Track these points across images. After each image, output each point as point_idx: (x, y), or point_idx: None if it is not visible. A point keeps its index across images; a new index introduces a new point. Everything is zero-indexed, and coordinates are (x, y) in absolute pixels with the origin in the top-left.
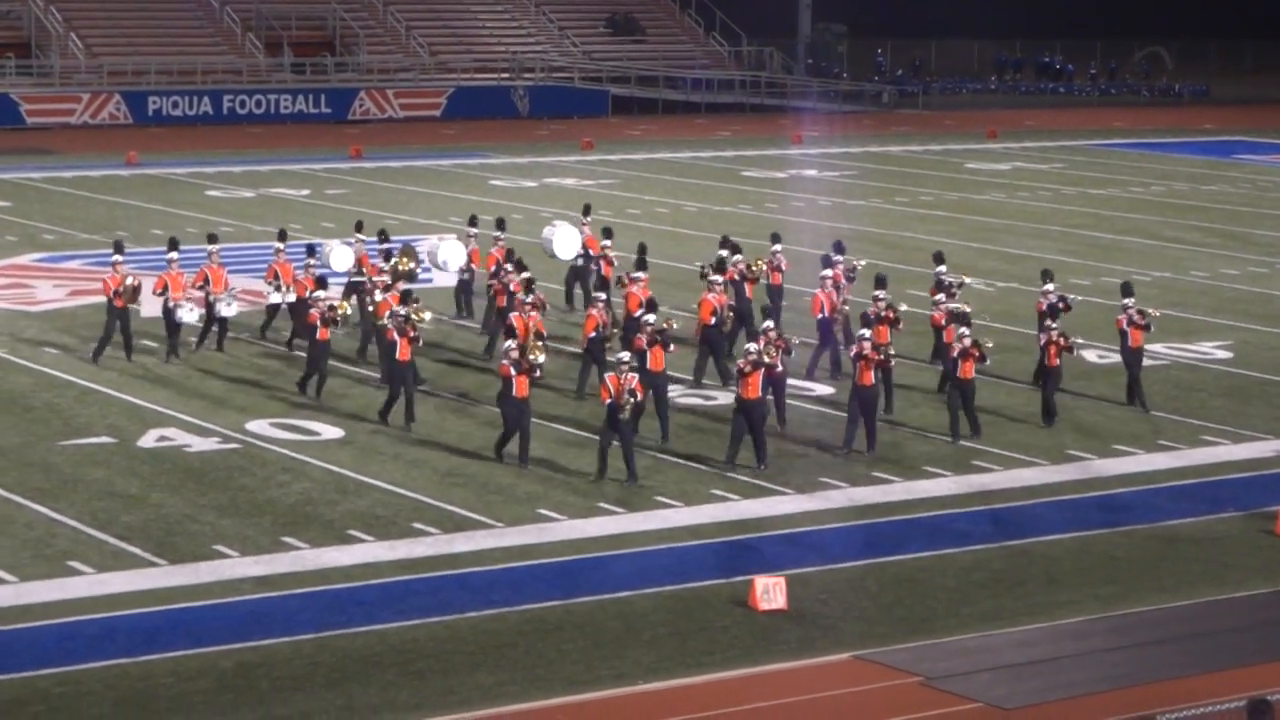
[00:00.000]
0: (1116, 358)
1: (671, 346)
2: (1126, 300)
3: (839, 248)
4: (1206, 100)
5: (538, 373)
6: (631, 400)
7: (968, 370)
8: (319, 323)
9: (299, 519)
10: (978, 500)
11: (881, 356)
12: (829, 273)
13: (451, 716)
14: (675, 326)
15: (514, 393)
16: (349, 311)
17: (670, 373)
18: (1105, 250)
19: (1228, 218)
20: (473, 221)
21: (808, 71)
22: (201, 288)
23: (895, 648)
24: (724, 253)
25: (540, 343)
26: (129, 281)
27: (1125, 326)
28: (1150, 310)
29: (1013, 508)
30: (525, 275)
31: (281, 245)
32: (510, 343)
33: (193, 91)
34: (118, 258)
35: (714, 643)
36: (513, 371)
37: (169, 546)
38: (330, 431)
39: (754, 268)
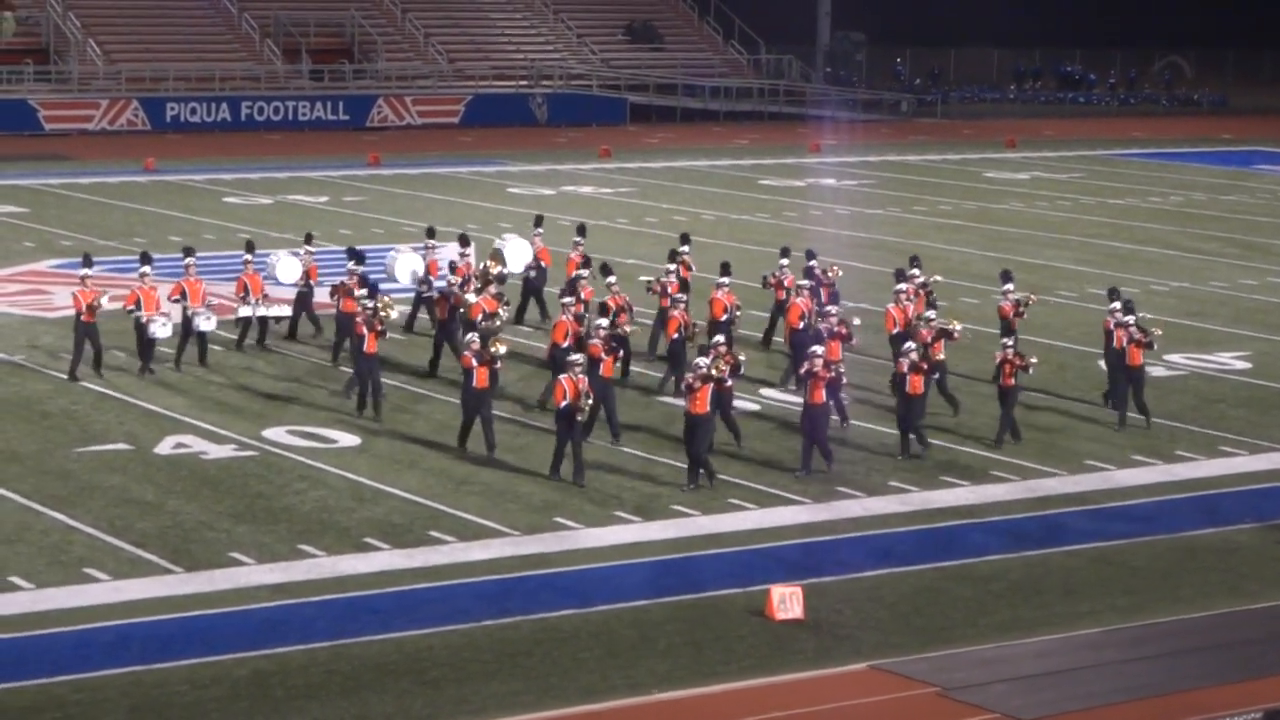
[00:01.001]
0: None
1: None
2: (1128, 318)
3: (811, 255)
4: (1226, 110)
5: (498, 364)
6: (589, 402)
7: (916, 385)
8: (365, 331)
9: (315, 527)
10: (995, 510)
11: (833, 374)
12: (805, 283)
13: None
14: (632, 329)
15: (474, 384)
16: (393, 315)
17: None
18: (1124, 260)
19: (1247, 228)
20: (430, 233)
21: (826, 80)
22: (178, 301)
23: (912, 658)
24: (785, 261)
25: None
26: (103, 301)
27: (1125, 344)
28: (1153, 330)
29: (1031, 518)
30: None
31: (250, 256)
32: (472, 335)
33: (211, 98)
34: (86, 271)
35: (730, 652)
36: (474, 363)
37: (185, 554)
38: (347, 439)
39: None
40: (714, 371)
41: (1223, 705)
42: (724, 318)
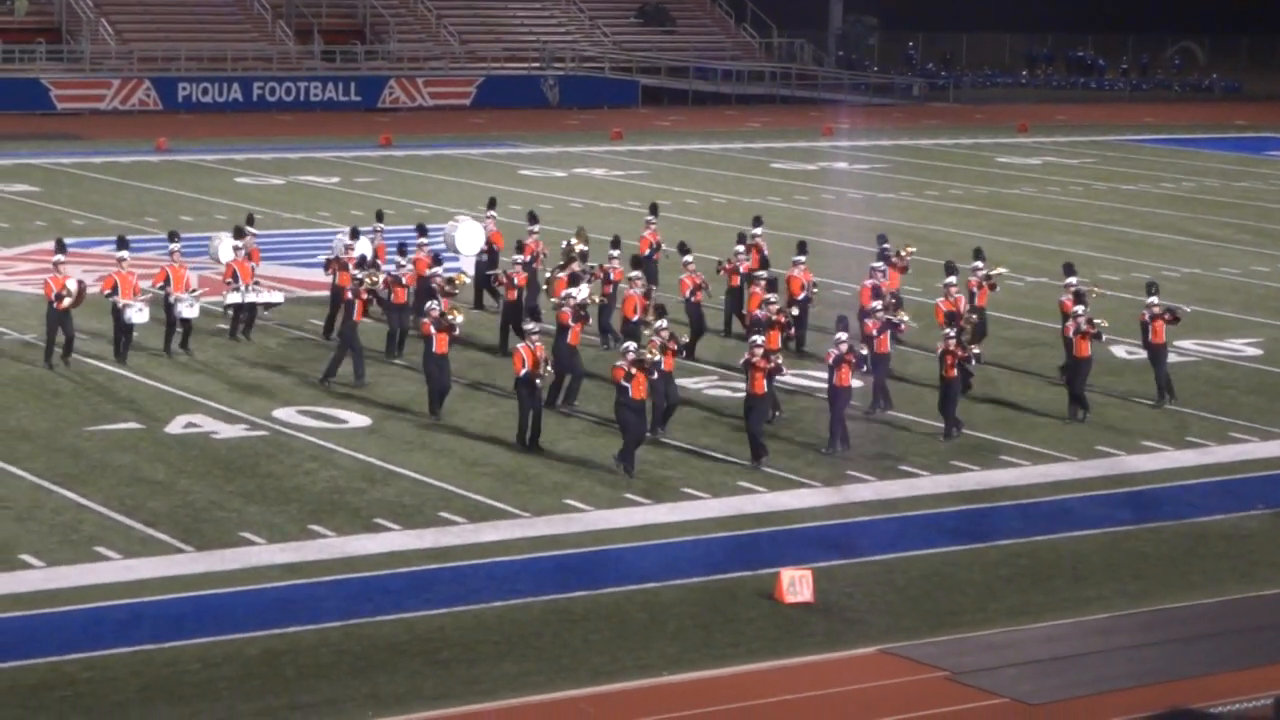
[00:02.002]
0: (1145, 354)
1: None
2: (1151, 299)
3: (882, 238)
4: (1239, 96)
5: (456, 330)
6: (550, 369)
7: (843, 377)
8: (433, 330)
9: (326, 507)
10: (1005, 495)
11: (772, 364)
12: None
13: (476, 706)
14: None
15: (434, 349)
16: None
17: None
18: (1135, 246)
19: (1259, 214)
20: (379, 217)
21: (838, 64)
22: (162, 288)
23: (922, 642)
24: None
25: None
26: (70, 284)
27: (1147, 320)
28: (1100, 321)
29: (1040, 503)
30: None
31: (239, 243)
32: (432, 302)
33: (223, 78)
34: (60, 257)
35: (739, 635)
36: (433, 330)
37: (196, 533)
38: (358, 420)
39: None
40: (648, 355)
41: (1233, 691)
42: (801, 295)
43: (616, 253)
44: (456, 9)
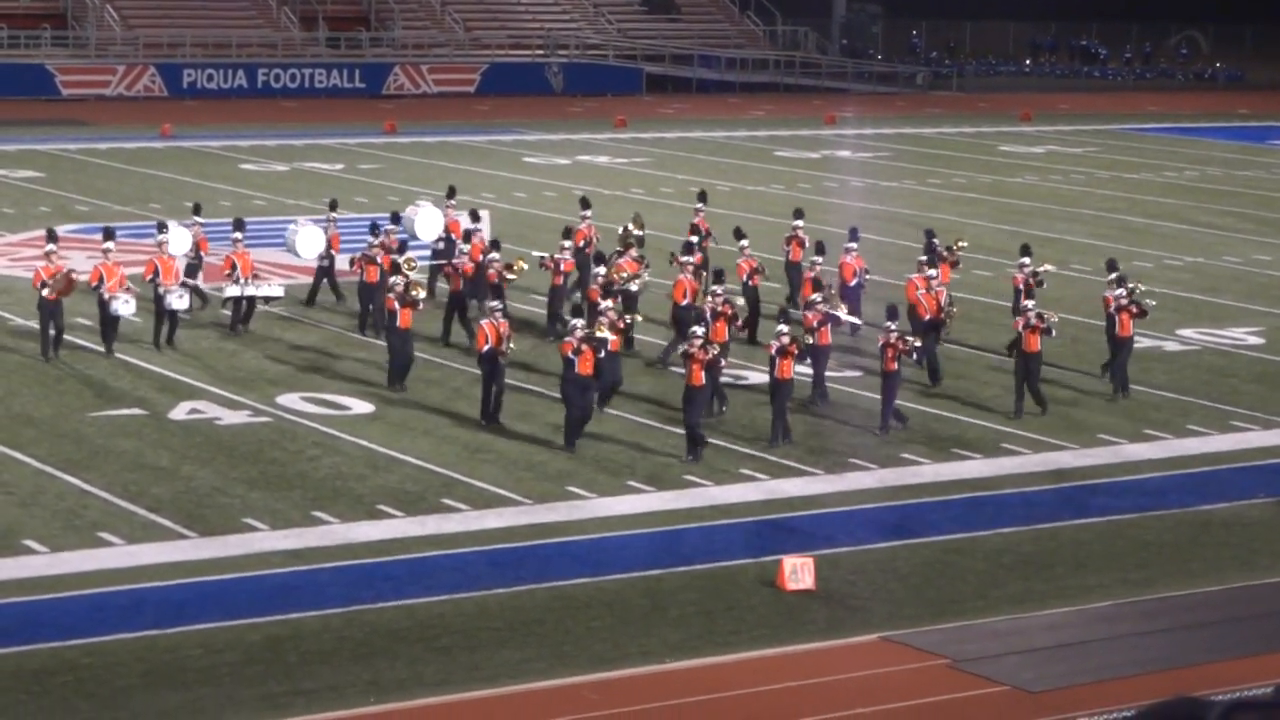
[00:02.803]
0: (1150, 341)
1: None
2: (1119, 289)
3: (930, 233)
4: (1242, 85)
5: (419, 306)
6: (511, 346)
7: (785, 369)
8: (397, 306)
9: (329, 493)
10: (1008, 483)
11: (710, 355)
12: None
13: (478, 692)
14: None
15: (399, 324)
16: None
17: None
18: (1138, 234)
19: (1261, 203)
20: (333, 206)
21: (842, 52)
22: (152, 280)
23: (923, 629)
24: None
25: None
26: (61, 274)
27: (1113, 310)
28: (1050, 314)
29: (1042, 491)
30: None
31: (240, 235)
32: (396, 278)
33: (228, 65)
34: (51, 247)
35: (741, 622)
36: (396, 305)
37: (199, 519)
38: (361, 406)
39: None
40: (597, 333)
41: (1235, 679)
42: (854, 281)
43: (568, 244)
44: None
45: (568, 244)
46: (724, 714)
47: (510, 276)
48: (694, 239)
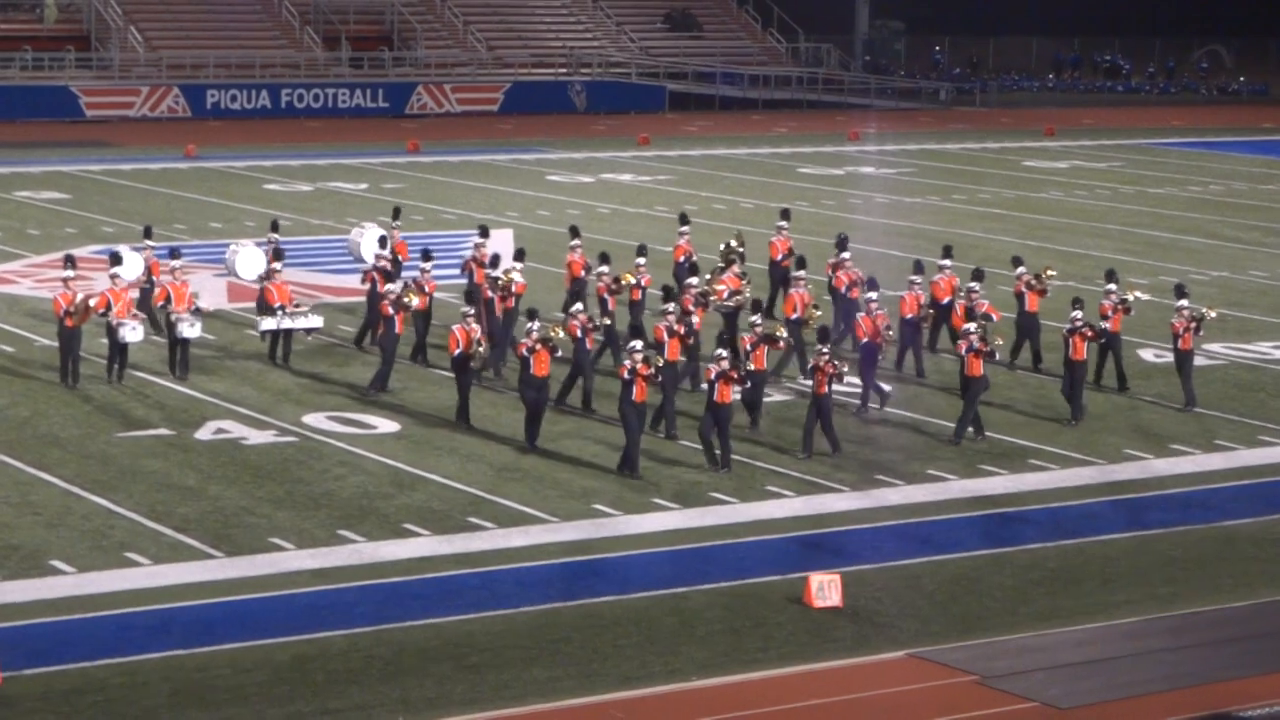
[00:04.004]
0: (1172, 357)
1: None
2: (1181, 302)
3: (1018, 261)
4: (1266, 99)
5: (410, 311)
6: (480, 350)
7: (724, 395)
8: (391, 311)
9: (355, 512)
10: (1034, 499)
11: (652, 370)
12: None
13: (506, 711)
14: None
15: (395, 330)
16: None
17: None
18: (1163, 249)
19: None
20: (274, 227)
21: (865, 68)
22: (163, 307)
23: (951, 646)
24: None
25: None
26: (79, 299)
27: (1180, 331)
28: (996, 340)
29: (1069, 507)
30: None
31: (279, 266)
32: (391, 285)
33: (251, 85)
34: (69, 273)
35: (768, 639)
36: (391, 310)
37: (226, 539)
38: (386, 425)
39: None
40: (550, 334)
41: (1264, 695)
42: (945, 300)
43: (519, 265)
44: (484, 15)
45: (519, 265)
46: None
47: (617, 289)
48: (780, 256)
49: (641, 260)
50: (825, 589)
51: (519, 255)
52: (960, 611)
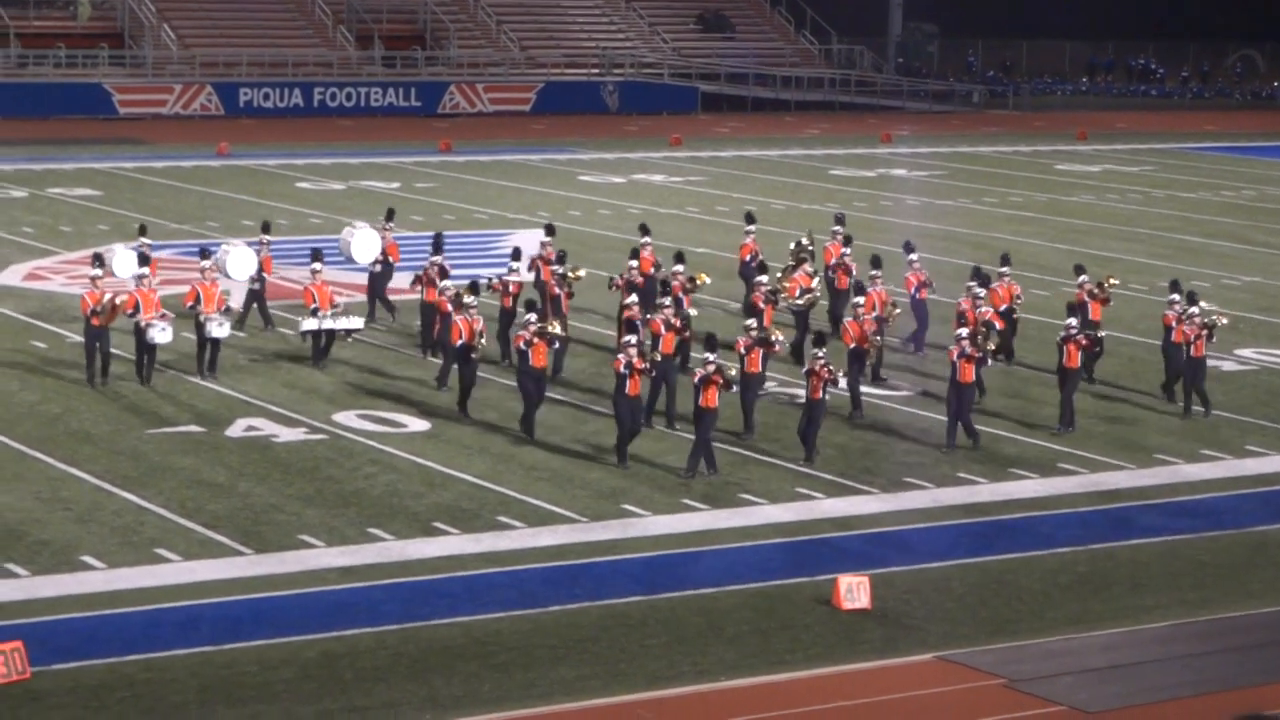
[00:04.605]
0: (1212, 362)
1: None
2: (1193, 309)
3: (1080, 269)
4: None
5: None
6: (483, 341)
7: (709, 398)
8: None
9: (385, 511)
10: (1064, 503)
11: (647, 364)
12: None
13: (533, 710)
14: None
15: (451, 327)
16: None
17: None
18: (1194, 254)
19: None
20: (265, 228)
21: (898, 70)
22: (192, 307)
23: (979, 649)
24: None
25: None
26: (106, 299)
27: (1187, 332)
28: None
29: (1098, 511)
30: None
31: (319, 266)
32: (447, 282)
33: (284, 83)
34: (97, 272)
35: (797, 641)
36: (450, 307)
37: (255, 536)
38: (417, 424)
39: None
40: (549, 329)
41: None
42: (1003, 308)
43: (517, 264)
44: (517, 15)
45: (517, 264)
46: None
47: (693, 288)
48: (834, 261)
49: (679, 267)
50: (854, 591)
51: (515, 255)
52: (989, 615)
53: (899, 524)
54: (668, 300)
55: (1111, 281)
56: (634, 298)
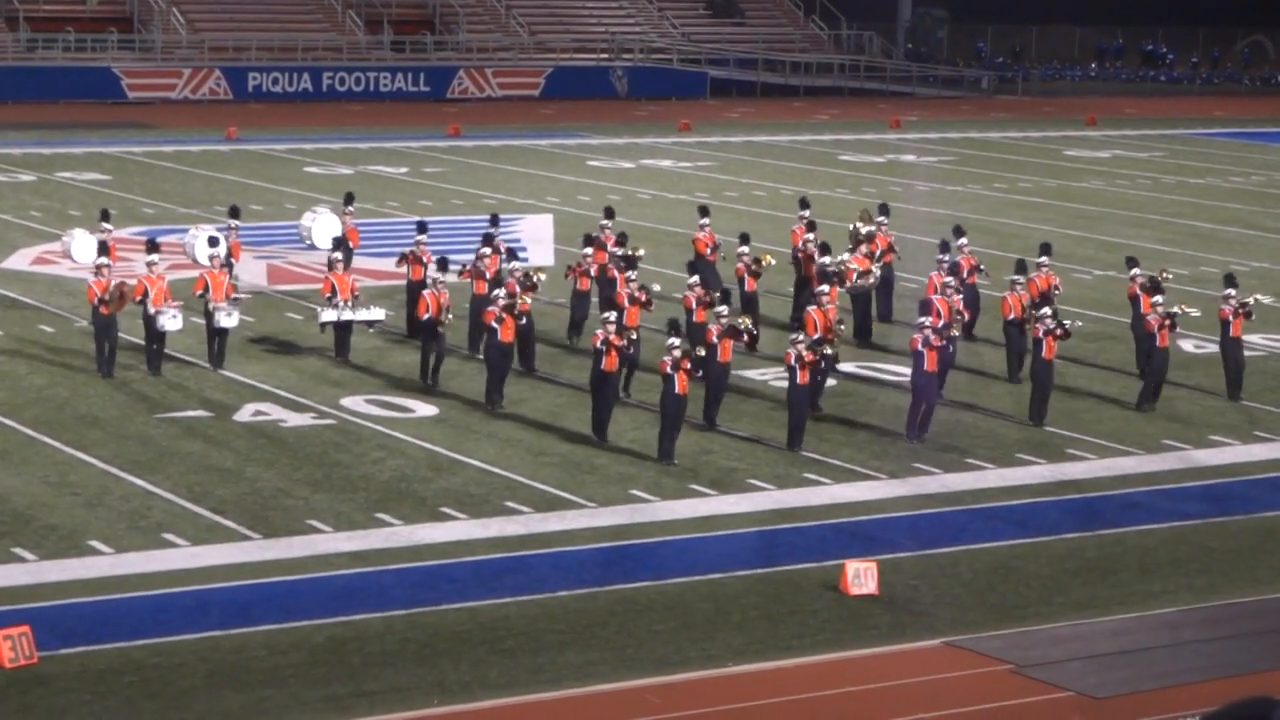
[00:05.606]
0: (1213, 348)
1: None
2: (1229, 290)
3: (1132, 262)
4: None
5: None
6: (449, 316)
7: (681, 384)
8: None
9: (393, 496)
10: (1072, 489)
11: (625, 342)
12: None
13: (541, 695)
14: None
15: (500, 339)
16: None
17: None
18: (1204, 240)
19: None
20: (234, 213)
21: (907, 56)
22: (201, 295)
23: (987, 635)
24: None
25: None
26: (113, 286)
27: (1230, 317)
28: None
29: (1107, 496)
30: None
31: (339, 255)
32: (498, 291)
33: (293, 68)
34: (103, 260)
35: (804, 626)
36: (496, 321)
37: (263, 521)
38: (425, 409)
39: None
40: (518, 302)
41: None
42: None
43: (488, 250)
44: (525, 0)
45: (487, 250)
46: (786, 718)
47: (759, 271)
48: (882, 250)
49: (744, 249)
50: (861, 576)
51: (511, 255)
52: (996, 600)
53: (907, 510)
54: (633, 274)
55: (1165, 275)
56: (695, 278)
